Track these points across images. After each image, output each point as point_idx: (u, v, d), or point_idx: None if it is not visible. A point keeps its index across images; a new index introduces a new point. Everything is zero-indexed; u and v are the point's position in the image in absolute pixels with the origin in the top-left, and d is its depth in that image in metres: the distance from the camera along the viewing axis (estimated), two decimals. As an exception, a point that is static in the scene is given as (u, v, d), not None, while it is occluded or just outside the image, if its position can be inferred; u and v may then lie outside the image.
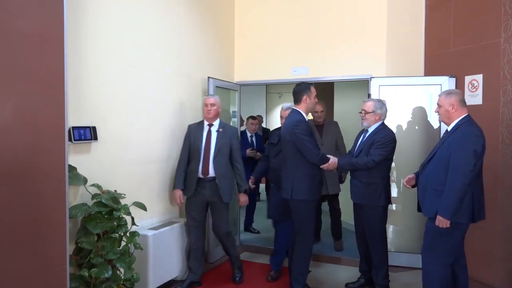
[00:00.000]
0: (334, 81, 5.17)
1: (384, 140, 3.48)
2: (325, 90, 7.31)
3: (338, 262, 4.56)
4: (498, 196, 3.73)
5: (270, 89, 10.54)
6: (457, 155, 2.78)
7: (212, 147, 3.73)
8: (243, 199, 3.99)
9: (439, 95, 3.06)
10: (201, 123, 3.86)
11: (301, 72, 4.93)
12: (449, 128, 2.98)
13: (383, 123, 3.63)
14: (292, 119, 3.47)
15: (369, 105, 3.62)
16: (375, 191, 3.51)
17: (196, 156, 3.74)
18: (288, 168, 3.51)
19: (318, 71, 4.84)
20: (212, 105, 3.74)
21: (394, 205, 4.22)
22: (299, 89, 3.52)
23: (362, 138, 3.68)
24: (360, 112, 3.68)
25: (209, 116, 3.77)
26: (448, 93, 3.02)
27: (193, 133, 3.80)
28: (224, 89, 4.81)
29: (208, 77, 4.44)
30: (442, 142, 2.97)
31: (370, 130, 3.62)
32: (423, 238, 3.08)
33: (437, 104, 3.05)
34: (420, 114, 4.36)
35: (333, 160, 3.47)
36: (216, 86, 4.54)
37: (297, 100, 3.54)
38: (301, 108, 3.51)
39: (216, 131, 3.77)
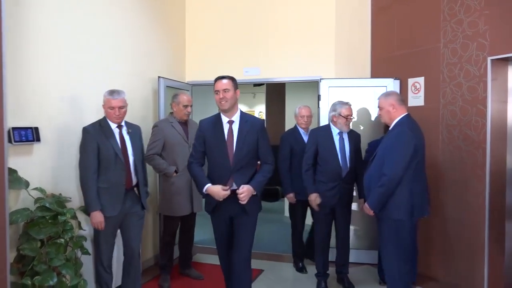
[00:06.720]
0: (285, 82, 5.26)
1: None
2: (278, 91, 7.43)
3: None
4: (439, 193, 3.94)
5: (223, 89, 10.55)
6: (388, 157, 2.92)
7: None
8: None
9: (379, 98, 3.17)
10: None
11: (253, 72, 4.97)
12: (390, 128, 3.10)
13: None
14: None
15: (351, 109, 3.75)
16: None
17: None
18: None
19: (270, 72, 4.90)
20: (121, 108, 3.10)
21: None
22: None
23: (342, 143, 3.71)
24: (346, 118, 3.67)
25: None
26: (387, 94, 3.15)
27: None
28: (175, 89, 4.74)
29: (159, 77, 4.36)
30: (383, 142, 3.08)
31: (346, 134, 3.75)
32: (375, 236, 3.20)
33: (378, 107, 3.16)
34: (366, 114, 4.53)
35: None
36: (167, 86, 4.47)
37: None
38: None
39: (127, 133, 3.21)
